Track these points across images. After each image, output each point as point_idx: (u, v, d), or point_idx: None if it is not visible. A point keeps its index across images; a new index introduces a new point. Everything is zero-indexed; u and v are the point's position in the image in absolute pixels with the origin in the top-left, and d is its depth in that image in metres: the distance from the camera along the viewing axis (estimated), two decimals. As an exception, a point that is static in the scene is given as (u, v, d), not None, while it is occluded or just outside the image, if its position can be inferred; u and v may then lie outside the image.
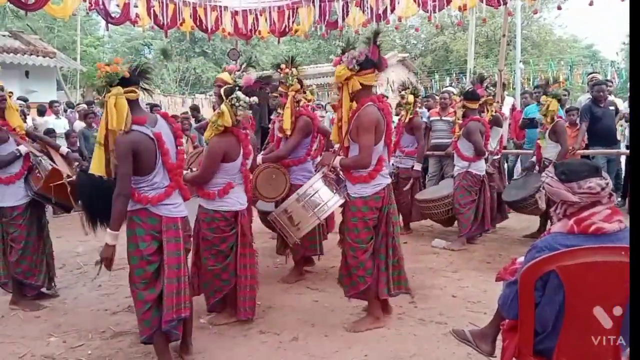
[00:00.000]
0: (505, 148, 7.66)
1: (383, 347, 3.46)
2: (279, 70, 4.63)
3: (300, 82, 4.65)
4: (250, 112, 3.75)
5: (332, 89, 4.30)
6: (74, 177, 3.98)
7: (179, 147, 3.19)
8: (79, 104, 12.52)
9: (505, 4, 7.40)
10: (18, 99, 8.50)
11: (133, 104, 2.98)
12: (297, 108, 4.60)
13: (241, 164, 3.70)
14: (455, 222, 6.22)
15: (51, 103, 10.47)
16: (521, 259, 2.53)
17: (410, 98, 6.32)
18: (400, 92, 6.45)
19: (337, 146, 3.95)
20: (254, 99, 3.61)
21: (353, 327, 3.73)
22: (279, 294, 4.50)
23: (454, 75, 19.77)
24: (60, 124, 9.73)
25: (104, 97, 2.93)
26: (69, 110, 11.48)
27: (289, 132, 4.56)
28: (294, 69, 4.58)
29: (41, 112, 10.17)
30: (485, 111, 6.25)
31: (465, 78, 14.92)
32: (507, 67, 12.05)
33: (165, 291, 3.03)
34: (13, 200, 4.13)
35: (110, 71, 2.91)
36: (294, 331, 3.70)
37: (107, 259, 2.99)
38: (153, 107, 10.65)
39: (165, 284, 3.03)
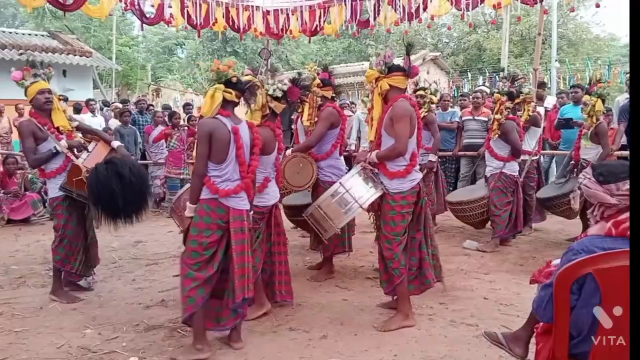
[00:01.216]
0: (543, 148, 7.50)
1: (413, 347, 3.44)
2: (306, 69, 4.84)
3: (333, 88, 4.81)
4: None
5: (363, 89, 4.36)
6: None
7: (252, 156, 3.43)
8: (114, 102, 12.82)
9: (541, 1, 7.25)
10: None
11: (228, 104, 3.31)
12: (320, 103, 4.72)
13: (275, 158, 3.90)
14: (487, 224, 6.12)
15: (87, 101, 10.72)
16: (556, 261, 2.49)
17: (434, 98, 6.32)
18: (415, 91, 6.41)
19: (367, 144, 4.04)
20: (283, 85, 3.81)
21: (384, 326, 3.74)
22: (308, 292, 4.52)
23: (487, 74, 19.45)
24: (96, 122, 9.96)
25: (209, 87, 3.31)
26: (104, 108, 11.75)
27: (307, 124, 4.71)
28: (314, 66, 4.83)
29: (77, 110, 10.43)
30: (522, 110, 6.13)
31: (499, 77, 14.70)
32: (542, 66, 11.82)
33: (236, 275, 3.25)
34: (54, 192, 4.36)
35: (221, 69, 3.27)
36: (324, 329, 3.72)
37: (185, 230, 3.41)
38: (185, 105, 10.84)
39: (235, 269, 3.26)
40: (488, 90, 8.74)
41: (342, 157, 5.01)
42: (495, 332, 2.95)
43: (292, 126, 5.46)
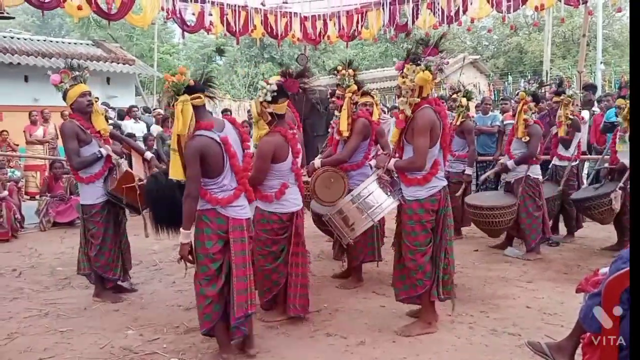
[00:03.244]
0: (584, 153, 7.27)
1: (453, 356, 3.37)
2: (335, 72, 4.68)
3: (358, 84, 4.64)
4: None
5: (405, 92, 4.15)
6: (144, 181, 4.14)
7: (245, 151, 3.32)
8: (155, 109, 13.13)
9: (585, 2, 7.06)
10: (102, 104, 9.01)
11: (200, 110, 3.13)
12: (355, 110, 4.60)
13: (292, 163, 3.76)
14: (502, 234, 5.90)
15: (130, 108, 11.03)
16: (604, 269, 2.40)
17: (464, 101, 6.12)
18: (451, 95, 6.26)
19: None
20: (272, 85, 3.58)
21: (404, 331, 3.69)
22: (345, 297, 4.49)
23: (529, 77, 19.04)
24: (138, 128, 10.24)
25: (173, 105, 3.08)
26: (146, 114, 12.05)
27: (346, 134, 4.55)
28: (350, 71, 4.61)
29: (120, 117, 10.75)
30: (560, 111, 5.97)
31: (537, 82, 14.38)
32: (586, 69, 11.49)
33: (235, 289, 3.18)
34: (92, 198, 4.35)
35: (176, 81, 3.07)
36: (361, 335, 3.68)
37: (184, 257, 3.23)
38: (223, 112, 11.01)
39: (234, 283, 3.18)
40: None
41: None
42: (539, 342, 2.87)
43: (329, 130, 5.38)
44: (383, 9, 8.54)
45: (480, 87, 18.83)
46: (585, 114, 8.16)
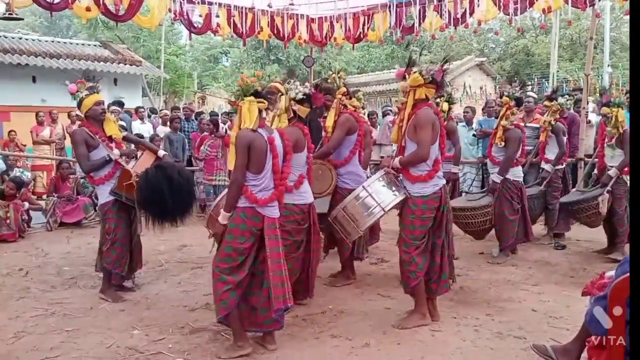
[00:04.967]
0: (589, 156, 7.24)
1: (458, 358, 3.37)
2: (326, 79, 4.99)
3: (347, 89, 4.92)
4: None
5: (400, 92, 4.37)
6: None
7: (285, 163, 3.53)
8: (161, 110, 13.17)
9: (593, 5, 7.03)
10: (112, 104, 9.12)
11: (259, 114, 3.40)
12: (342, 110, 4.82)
13: (307, 157, 4.03)
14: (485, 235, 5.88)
15: (137, 109, 11.05)
16: (610, 273, 2.40)
17: (445, 106, 6.14)
18: (435, 99, 6.29)
19: (394, 147, 4.11)
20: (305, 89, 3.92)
21: (401, 324, 3.83)
22: (350, 299, 4.50)
23: (536, 79, 18.96)
24: (144, 129, 10.26)
25: (239, 102, 3.38)
26: (152, 115, 12.08)
27: (329, 135, 4.77)
28: (341, 73, 5.00)
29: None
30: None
31: (548, 82, 14.32)
32: (593, 72, 11.44)
33: (272, 283, 3.34)
34: (104, 198, 4.56)
35: (249, 82, 3.38)
36: (366, 337, 3.68)
37: (217, 234, 3.46)
38: (230, 113, 11.02)
39: (271, 277, 3.34)
40: (535, 96, 8.52)
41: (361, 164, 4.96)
42: (545, 345, 2.87)
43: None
44: (389, 10, 8.54)
45: (487, 89, 18.77)
46: (593, 116, 8.13)
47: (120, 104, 9.46)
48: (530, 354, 3.06)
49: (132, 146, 5.09)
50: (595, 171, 6.02)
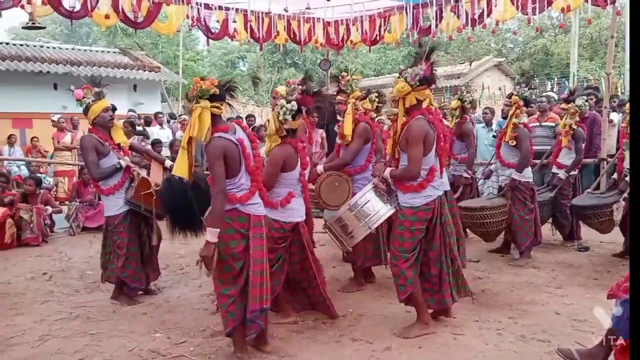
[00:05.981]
0: (611, 156, 7.12)
1: (480, 362, 3.33)
2: (339, 79, 4.82)
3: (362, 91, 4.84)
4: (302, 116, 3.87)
5: (389, 102, 4.29)
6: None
7: (254, 151, 3.43)
8: (180, 115, 13.30)
9: (613, 3, 6.93)
10: (129, 111, 9.13)
11: (216, 117, 3.27)
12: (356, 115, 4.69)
13: (299, 173, 3.87)
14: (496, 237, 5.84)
15: (156, 114, 11.18)
16: (638, 275, 2.34)
17: (454, 103, 6.05)
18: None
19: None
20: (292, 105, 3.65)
21: (402, 333, 3.74)
22: (370, 302, 4.48)
23: (555, 79, 18.71)
24: (164, 134, 10.39)
25: (192, 106, 3.21)
26: (171, 121, 12.21)
27: (349, 139, 4.63)
28: (354, 77, 4.79)
29: (147, 123, 10.91)
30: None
31: (568, 82, 14.12)
32: (615, 70, 11.25)
33: (251, 282, 3.26)
34: (114, 209, 4.47)
35: (204, 87, 3.20)
36: (387, 340, 3.66)
37: (206, 257, 3.16)
38: (247, 117, 11.09)
39: (250, 276, 3.26)
40: (556, 97, 8.41)
41: None
42: (570, 349, 2.83)
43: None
44: (406, 12, 8.52)
45: (506, 90, 18.59)
46: (615, 116, 8.00)
47: (131, 124, 9.25)
48: (555, 357, 3.01)
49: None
50: (615, 175, 5.85)
